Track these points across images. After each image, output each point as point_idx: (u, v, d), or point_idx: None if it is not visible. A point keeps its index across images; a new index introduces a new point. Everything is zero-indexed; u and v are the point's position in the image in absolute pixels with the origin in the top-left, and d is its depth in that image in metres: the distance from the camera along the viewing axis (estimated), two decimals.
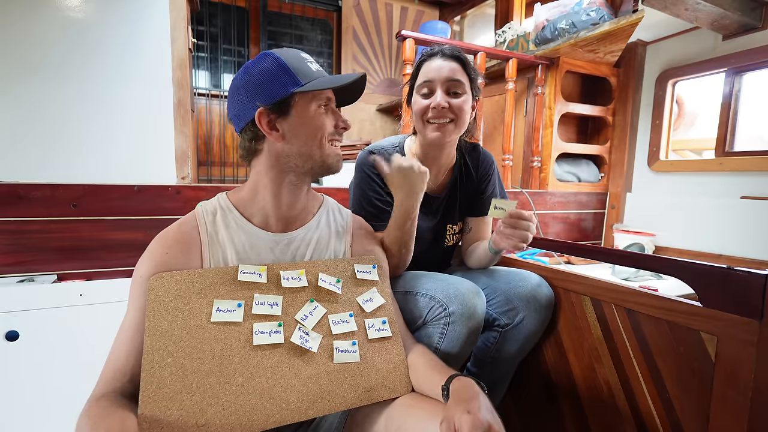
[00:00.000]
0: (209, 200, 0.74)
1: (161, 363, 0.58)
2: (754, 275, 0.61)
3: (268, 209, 0.72)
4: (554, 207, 2.04)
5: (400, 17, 3.23)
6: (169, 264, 0.65)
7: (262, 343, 0.63)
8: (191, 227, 0.69)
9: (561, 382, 0.98)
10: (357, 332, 0.70)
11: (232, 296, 0.65)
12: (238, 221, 0.72)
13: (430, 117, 0.93)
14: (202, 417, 0.56)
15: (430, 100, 0.93)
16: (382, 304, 0.75)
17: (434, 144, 0.97)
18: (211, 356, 0.60)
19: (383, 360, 0.69)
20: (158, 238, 0.68)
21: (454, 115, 0.92)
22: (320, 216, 0.80)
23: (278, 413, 0.59)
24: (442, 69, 0.92)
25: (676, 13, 1.61)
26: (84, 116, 1.32)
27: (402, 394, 0.67)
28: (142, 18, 1.37)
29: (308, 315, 0.68)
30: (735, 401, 0.63)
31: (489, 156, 1.10)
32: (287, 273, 0.70)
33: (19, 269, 1.17)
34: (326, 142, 0.71)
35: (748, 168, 1.70)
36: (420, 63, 0.97)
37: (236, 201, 0.74)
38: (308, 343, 0.65)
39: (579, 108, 2.09)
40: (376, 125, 3.20)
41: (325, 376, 0.64)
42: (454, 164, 1.06)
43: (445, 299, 0.82)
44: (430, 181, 1.04)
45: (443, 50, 0.94)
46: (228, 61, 2.90)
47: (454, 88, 0.92)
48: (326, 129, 0.70)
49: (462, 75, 0.93)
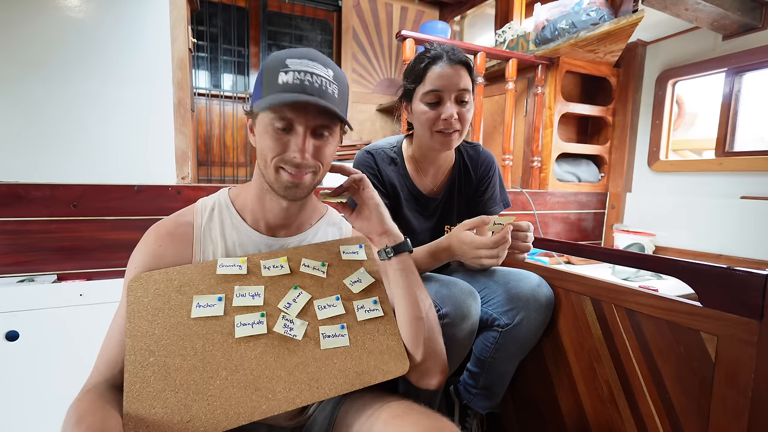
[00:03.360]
0: (211, 195, 0.74)
1: (143, 363, 0.58)
2: (754, 275, 0.61)
3: (257, 212, 0.71)
4: (554, 207, 2.04)
5: (400, 17, 3.23)
6: (161, 256, 0.65)
7: (245, 335, 0.62)
8: (186, 222, 0.69)
9: (561, 382, 0.98)
10: (345, 315, 0.68)
11: (213, 291, 0.65)
12: (233, 219, 0.71)
13: (441, 128, 0.90)
14: (187, 413, 0.56)
15: (440, 110, 0.89)
16: (371, 284, 0.72)
17: (438, 151, 0.96)
18: (193, 352, 0.60)
19: (375, 341, 0.67)
20: (153, 229, 0.68)
21: (461, 125, 0.91)
22: (318, 227, 0.77)
23: (265, 404, 0.59)
24: (452, 78, 0.88)
25: (676, 13, 1.61)
26: (84, 116, 1.32)
27: (397, 375, 0.65)
28: (142, 18, 1.37)
29: (292, 303, 0.67)
30: (735, 401, 0.63)
31: (489, 156, 1.08)
32: (268, 262, 0.69)
33: (19, 269, 1.17)
34: (272, 167, 0.63)
35: (748, 168, 1.70)
36: (426, 67, 0.91)
37: (235, 198, 0.73)
38: (293, 331, 0.64)
39: (579, 108, 2.09)
40: (376, 125, 3.20)
41: (313, 363, 0.63)
42: (452, 165, 1.05)
43: (438, 300, 0.82)
44: (428, 183, 1.04)
45: (449, 54, 0.89)
46: (228, 61, 2.90)
47: (463, 97, 0.90)
48: (271, 152, 0.62)
49: (468, 81, 0.90)
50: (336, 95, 0.62)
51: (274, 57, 0.62)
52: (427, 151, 0.99)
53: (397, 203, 1.00)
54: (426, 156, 1.00)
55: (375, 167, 0.98)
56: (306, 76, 0.60)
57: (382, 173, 0.99)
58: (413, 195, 1.02)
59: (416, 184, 1.02)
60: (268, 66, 0.62)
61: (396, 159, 1.02)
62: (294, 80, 0.59)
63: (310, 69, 0.60)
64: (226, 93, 2.88)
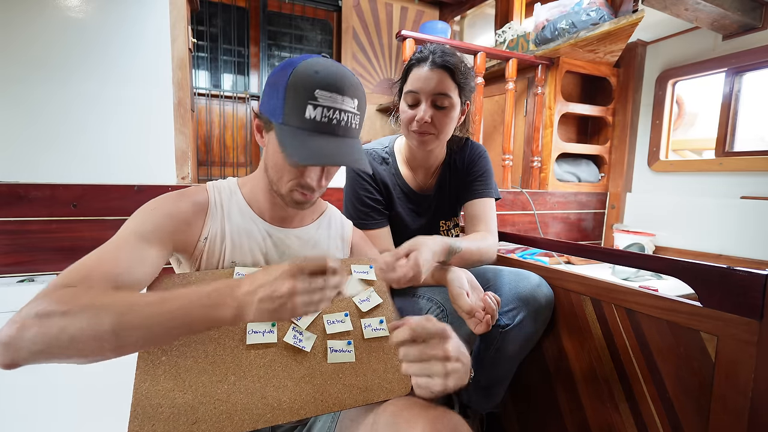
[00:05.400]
0: (220, 180, 0.76)
1: (155, 361, 0.58)
2: (754, 275, 0.61)
3: (261, 203, 0.74)
4: (554, 207, 2.04)
5: (400, 17, 3.23)
6: (177, 214, 0.65)
7: (255, 343, 0.63)
8: (203, 197, 0.70)
9: (561, 383, 0.98)
10: (352, 332, 0.70)
11: None
12: (240, 205, 0.73)
13: (414, 129, 0.92)
14: (193, 415, 0.57)
15: (415, 112, 0.91)
16: (378, 304, 0.74)
17: (418, 150, 0.98)
18: (205, 355, 0.60)
19: (379, 360, 0.69)
20: (172, 193, 0.68)
21: (437, 130, 0.92)
22: (320, 222, 0.80)
23: (269, 413, 0.59)
24: (429, 81, 0.89)
25: (676, 13, 1.61)
26: (84, 116, 1.32)
27: (399, 395, 0.66)
28: (142, 18, 1.37)
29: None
30: (735, 401, 0.63)
31: (478, 146, 1.10)
32: None
33: (19, 269, 1.17)
34: (286, 186, 0.66)
35: (748, 168, 1.70)
36: (409, 67, 0.94)
37: (242, 186, 0.75)
38: (302, 342, 0.65)
39: (579, 108, 2.09)
40: (376, 125, 3.20)
41: (319, 376, 0.64)
42: (442, 162, 1.07)
43: (442, 300, 0.82)
44: (420, 181, 1.06)
45: (434, 57, 0.89)
46: (228, 61, 2.91)
47: (440, 101, 0.90)
48: (288, 175, 0.65)
49: (450, 85, 0.90)
50: (357, 126, 0.65)
51: (305, 75, 0.59)
52: (414, 150, 1.01)
53: (390, 201, 1.02)
54: (414, 154, 1.02)
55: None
56: (335, 114, 0.60)
57: (374, 173, 1.01)
58: (405, 193, 1.04)
59: (408, 181, 1.04)
60: (296, 84, 0.59)
61: (387, 159, 1.05)
62: (322, 118, 0.59)
63: (338, 106, 0.60)
64: (226, 93, 2.88)
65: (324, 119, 0.60)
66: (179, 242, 0.66)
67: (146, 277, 0.60)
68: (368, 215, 0.97)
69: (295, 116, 0.60)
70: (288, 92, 0.60)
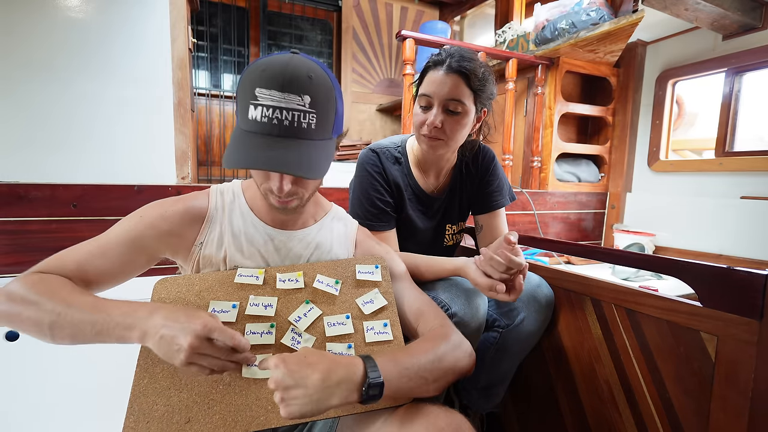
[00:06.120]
0: (225, 183, 0.76)
1: (154, 359, 0.59)
2: (754, 275, 0.61)
3: (262, 206, 0.73)
4: (554, 207, 2.04)
5: (400, 17, 3.23)
6: (160, 224, 0.67)
7: (253, 344, 0.63)
8: (201, 202, 0.71)
9: (561, 382, 0.98)
10: (353, 335, 0.68)
11: (229, 298, 0.66)
12: (242, 208, 0.73)
13: (424, 133, 0.91)
14: (187, 414, 0.57)
15: (426, 116, 0.90)
16: (383, 306, 0.72)
17: (428, 153, 0.97)
18: None
19: None
20: (169, 199, 0.70)
21: (447, 136, 0.90)
22: (323, 222, 0.79)
23: (263, 415, 0.58)
24: (442, 86, 0.87)
25: (676, 13, 1.62)
26: (84, 116, 1.32)
27: (400, 403, 0.62)
28: (143, 18, 1.37)
29: (302, 317, 0.67)
30: (735, 401, 0.63)
31: (487, 150, 1.10)
32: (284, 275, 0.70)
33: (19, 269, 1.17)
34: (261, 192, 0.66)
35: (748, 168, 1.70)
36: (426, 69, 0.92)
37: (246, 190, 0.75)
38: (299, 344, 0.64)
39: (579, 108, 2.09)
40: (376, 125, 3.20)
41: None
42: (454, 165, 1.06)
43: (447, 299, 0.82)
44: (431, 183, 1.05)
45: (450, 61, 0.87)
46: (228, 61, 2.90)
47: (453, 107, 0.88)
48: (258, 181, 0.66)
49: (464, 92, 0.87)
50: (313, 125, 0.58)
51: (250, 74, 0.58)
52: (423, 151, 0.99)
53: (401, 203, 1.00)
54: (426, 156, 1.00)
55: (380, 166, 0.98)
56: (275, 113, 0.55)
57: (386, 172, 0.99)
58: (416, 195, 1.03)
59: (420, 183, 1.02)
60: (243, 84, 0.58)
61: (400, 158, 1.02)
62: (262, 118, 0.55)
63: (279, 104, 0.55)
64: (226, 93, 2.88)
65: (264, 119, 0.55)
66: (167, 248, 0.69)
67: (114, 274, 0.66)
68: (377, 217, 0.96)
69: (241, 118, 0.59)
70: (238, 93, 0.60)
